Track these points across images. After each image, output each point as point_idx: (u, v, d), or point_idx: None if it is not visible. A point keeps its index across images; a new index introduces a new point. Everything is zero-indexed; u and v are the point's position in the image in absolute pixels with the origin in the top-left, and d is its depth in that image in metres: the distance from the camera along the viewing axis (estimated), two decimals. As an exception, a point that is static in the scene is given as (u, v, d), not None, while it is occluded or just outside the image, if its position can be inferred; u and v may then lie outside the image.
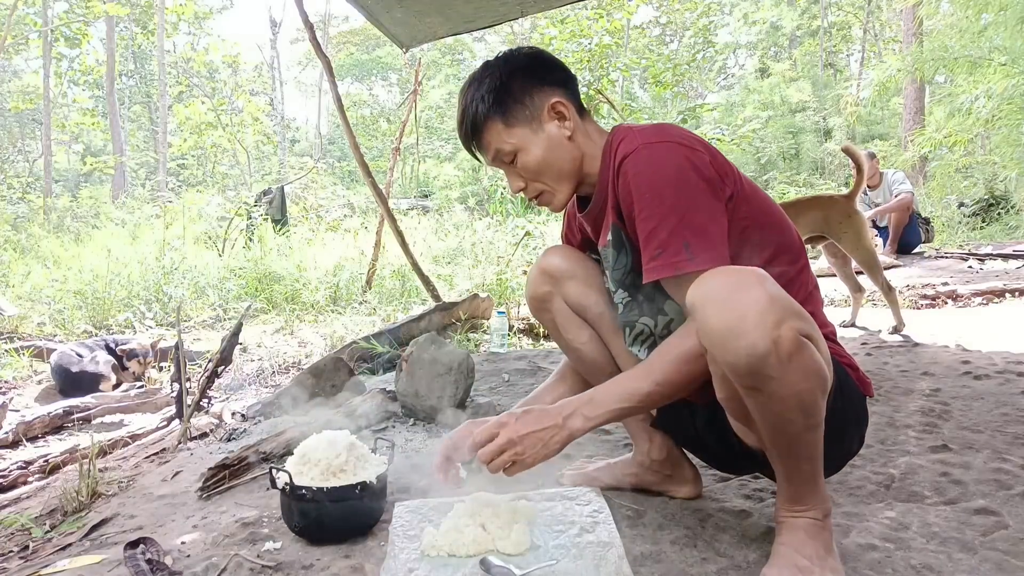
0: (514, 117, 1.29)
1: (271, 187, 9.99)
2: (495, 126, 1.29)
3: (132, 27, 22.57)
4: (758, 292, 1.02)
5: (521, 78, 1.30)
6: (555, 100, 1.29)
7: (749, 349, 1.01)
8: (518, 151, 1.30)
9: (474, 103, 1.30)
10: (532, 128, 1.29)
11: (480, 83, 1.31)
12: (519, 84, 1.29)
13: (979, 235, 7.80)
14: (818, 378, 1.06)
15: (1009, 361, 2.64)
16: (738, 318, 1.01)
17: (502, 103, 1.29)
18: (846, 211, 3.26)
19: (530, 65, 1.32)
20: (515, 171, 1.32)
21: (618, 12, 13.93)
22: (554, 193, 1.34)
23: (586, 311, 1.48)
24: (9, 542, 1.73)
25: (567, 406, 1.16)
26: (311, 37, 4.50)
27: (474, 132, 1.32)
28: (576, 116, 1.32)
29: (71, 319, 5.26)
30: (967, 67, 7.40)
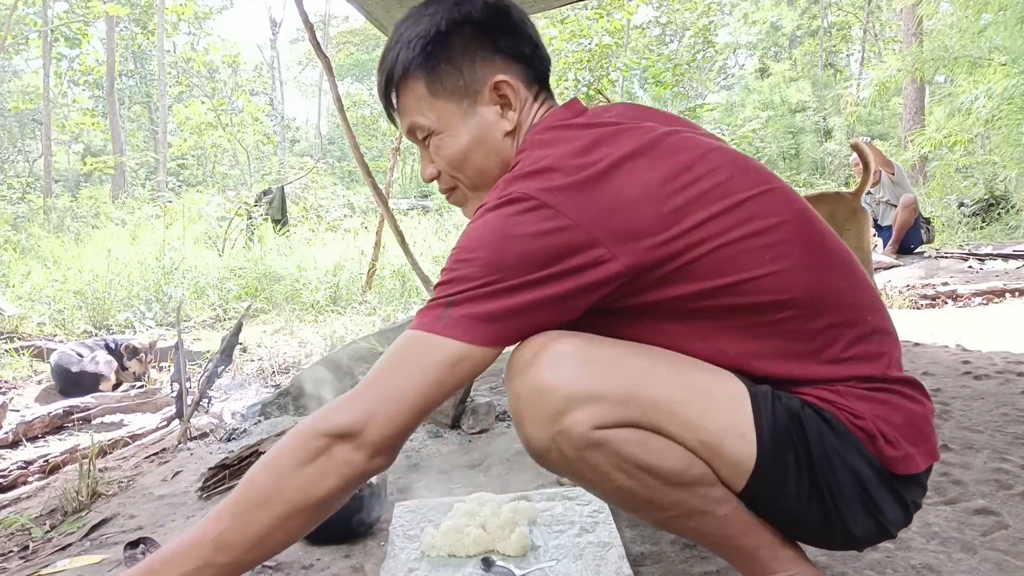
0: (442, 84, 0.96)
1: (271, 187, 9.99)
2: (415, 86, 0.97)
3: (132, 27, 22.57)
4: (545, 371, 0.82)
5: (469, 33, 0.96)
6: (501, 78, 0.96)
7: (526, 442, 0.86)
8: (434, 132, 0.99)
9: (398, 47, 0.97)
10: (462, 106, 0.97)
11: (416, 21, 0.97)
12: (463, 40, 0.96)
13: (979, 235, 7.80)
14: (651, 475, 0.84)
15: (1009, 361, 2.64)
16: (517, 403, 0.85)
17: (432, 59, 0.95)
18: (852, 208, 3.26)
19: (487, 19, 0.97)
20: (429, 155, 1.02)
21: (618, 12, 13.93)
22: (467, 195, 1.05)
23: None
24: (9, 542, 1.73)
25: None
26: (311, 37, 4.50)
27: (388, 85, 1.00)
28: (529, 105, 1.00)
29: (71, 319, 5.26)
30: (967, 67, 7.40)
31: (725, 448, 0.85)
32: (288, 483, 0.79)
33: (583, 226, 0.82)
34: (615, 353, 0.86)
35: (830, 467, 0.87)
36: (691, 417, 0.85)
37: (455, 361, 0.81)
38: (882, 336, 0.94)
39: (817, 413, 0.88)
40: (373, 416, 0.80)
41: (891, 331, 0.96)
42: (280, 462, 0.81)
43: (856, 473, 0.87)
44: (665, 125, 0.94)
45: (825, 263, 0.91)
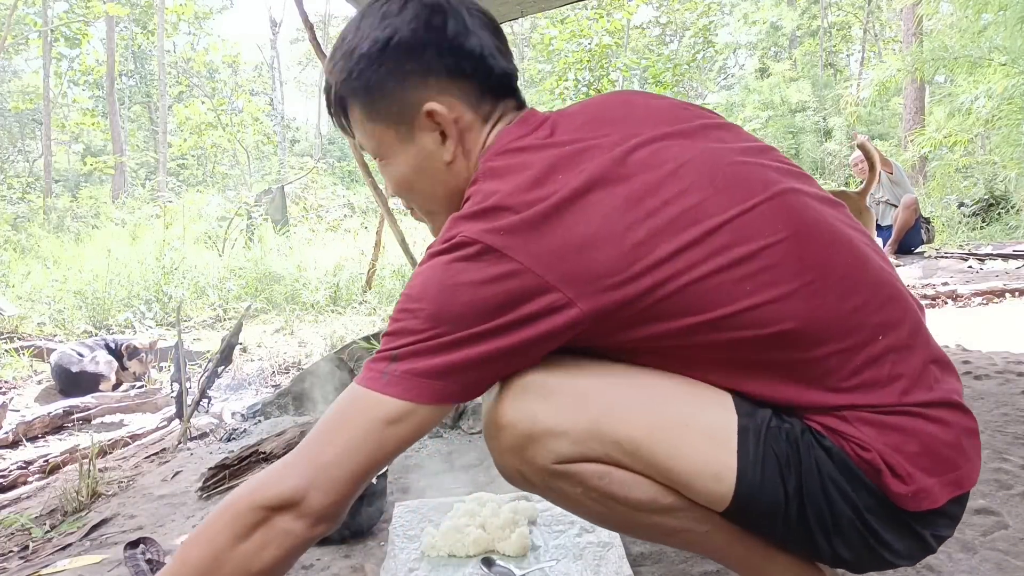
0: (375, 109, 0.88)
1: (271, 187, 9.99)
2: (353, 109, 0.90)
3: (132, 27, 22.58)
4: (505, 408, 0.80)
5: (400, 55, 0.84)
6: (430, 106, 0.85)
7: (496, 464, 0.85)
8: (377, 155, 0.92)
9: (337, 66, 0.88)
10: (400, 132, 0.88)
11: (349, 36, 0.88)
12: (393, 64, 0.85)
13: (979, 235, 7.80)
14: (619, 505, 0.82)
15: (1009, 361, 2.64)
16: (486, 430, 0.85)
17: (361, 83, 0.86)
18: (858, 207, 3.26)
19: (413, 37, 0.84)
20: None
21: (618, 12, 13.93)
22: (425, 219, 0.98)
23: None
24: (9, 542, 1.73)
25: None
26: (311, 37, 4.50)
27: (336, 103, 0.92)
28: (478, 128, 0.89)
29: (71, 319, 5.27)
30: (967, 67, 7.40)
31: (695, 488, 0.80)
32: (226, 558, 0.74)
33: (535, 270, 0.74)
34: (585, 384, 0.81)
35: (826, 499, 0.79)
36: (657, 458, 0.79)
37: (395, 419, 0.75)
38: (900, 355, 0.80)
39: (818, 441, 0.80)
40: (313, 484, 0.74)
41: (915, 346, 0.82)
42: (215, 537, 0.75)
43: (855, 507, 0.79)
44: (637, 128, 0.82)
45: (827, 283, 0.79)
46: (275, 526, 0.74)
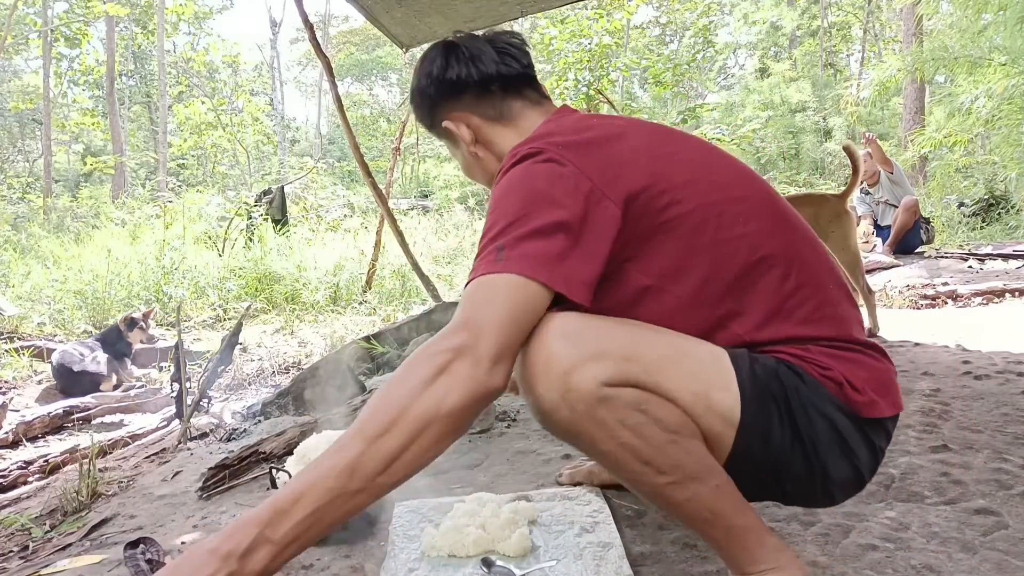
0: (430, 128, 1.27)
1: (271, 187, 9.98)
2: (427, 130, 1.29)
3: (132, 27, 22.58)
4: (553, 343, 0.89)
5: (419, 98, 1.24)
6: (445, 123, 1.21)
7: (535, 404, 0.91)
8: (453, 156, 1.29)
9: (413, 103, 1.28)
10: (448, 140, 1.25)
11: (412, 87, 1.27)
12: (420, 100, 1.24)
13: (979, 235, 7.80)
14: (651, 429, 0.90)
15: (1009, 361, 2.64)
16: (524, 368, 0.91)
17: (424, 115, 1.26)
18: (836, 210, 3.27)
19: (424, 83, 1.22)
20: None
21: (618, 12, 13.93)
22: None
23: None
24: (9, 542, 1.73)
25: (239, 530, 0.76)
26: (311, 37, 4.50)
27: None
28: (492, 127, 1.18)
29: (71, 319, 5.27)
30: (967, 67, 7.40)
31: (714, 399, 0.93)
32: (416, 401, 0.80)
33: (586, 174, 0.95)
34: (610, 323, 0.95)
35: (807, 417, 0.95)
36: (682, 373, 0.92)
37: (523, 290, 0.87)
38: (846, 306, 1.05)
39: (789, 368, 0.97)
40: (481, 333, 0.84)
41: (854, 305, 1.08)
42: (404, 384, 0.82)
43: (831, 420, 0.96)
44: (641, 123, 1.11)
45: (791, 230, 1.05)
46: (457, 371, 0.82)
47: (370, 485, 0.79)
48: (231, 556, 0.73)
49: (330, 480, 0.77)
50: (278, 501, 0.77)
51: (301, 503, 0.76)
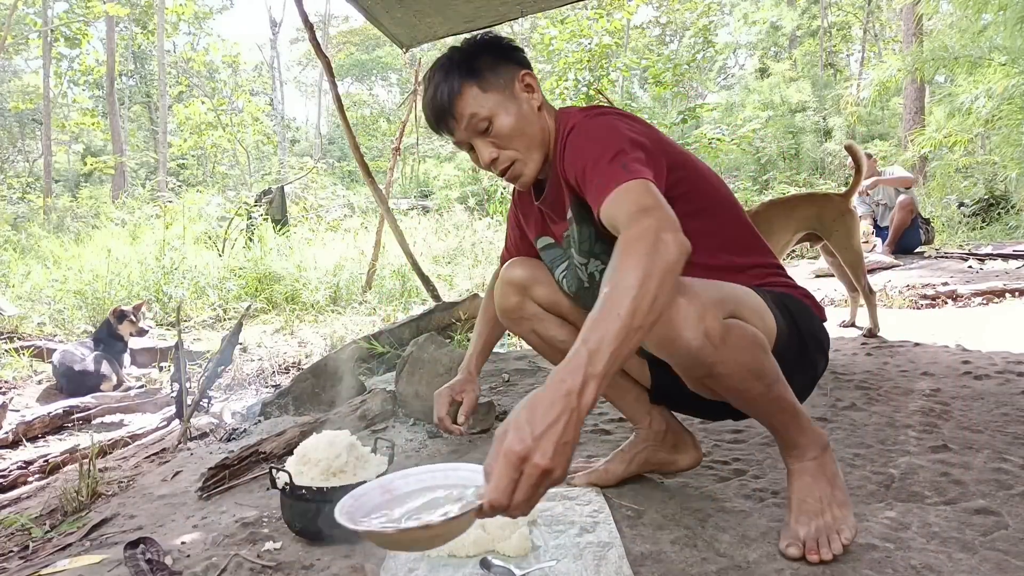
0: (488, 83, 1.34)
1: (271, 187, 9.98)
2: (471, 91, 1.33)
3: (132, 27, 22.57)
4: (677, 299, 1.12)
5: (488, 53, 1.37)
6: (524, 72, 1.37)
7: (686, 349, 1.13)
8: (493, 116, 1.33)
9: (449, 75, 1.34)
10: (505, 95, 1.35)
11: (451, 60, 1.36)
12: (489, 57, 1.36)
13: (979, 235, 7.80)
14: (754, 346, 1.18)
15: (1009, 361, 2.64)
16: (668, 327, 1.12)
17: (476, 71, 1.34)
18: (840, 209, 3.26)
19: (493, 43, 1.39)
20: (488, 140, 1.35)
21: (618, 12, 13.93)
22: (526, 163, 1.37)
23: (560, 307, 1.56)
24: (9, 542, 1.73)
25: (568, 375, 0.90)
26: (311, 37, 4.51)
27: (449, 101, 1.34)
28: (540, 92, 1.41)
29: (71, 319, 5.27)
30: (967, 67, 7.39)
31: (767, 321, 1.26)
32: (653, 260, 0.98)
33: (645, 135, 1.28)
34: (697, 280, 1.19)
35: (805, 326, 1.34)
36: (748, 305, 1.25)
37: (651, 185, 1.12)
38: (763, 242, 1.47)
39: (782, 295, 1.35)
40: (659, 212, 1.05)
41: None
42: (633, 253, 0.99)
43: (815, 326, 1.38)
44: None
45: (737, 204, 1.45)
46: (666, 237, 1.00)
47: (644, 322, 0.95)
48: (571, 393, 0.88)
49: (619, 324, 0.93)
50: (588, 345, 0.91)
51: (604, 343, 0.91)
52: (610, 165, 1.16)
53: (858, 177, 3.34)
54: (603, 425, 2.10)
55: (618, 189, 1.12)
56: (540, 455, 0.84)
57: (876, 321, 3.38)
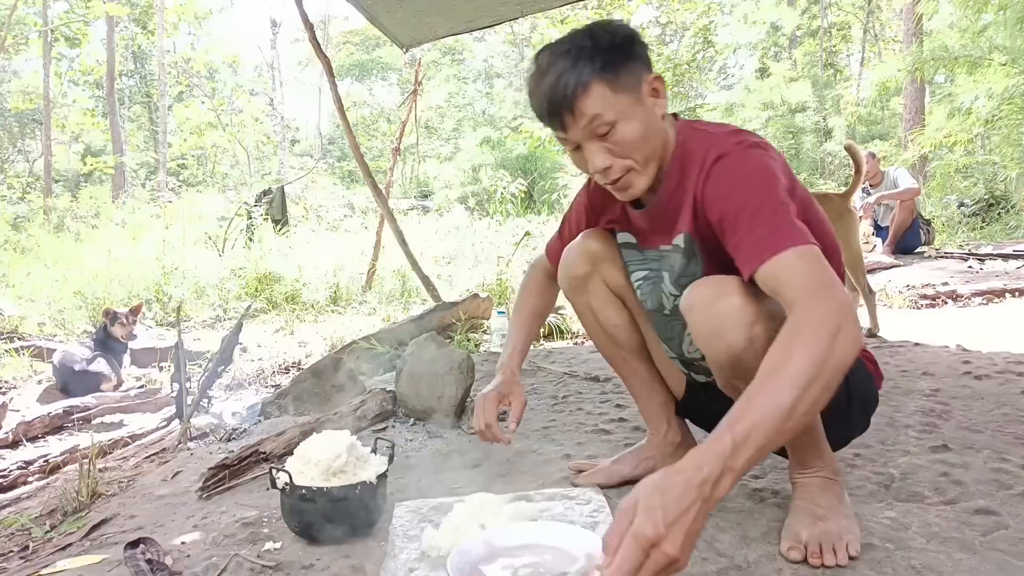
0: (621, 84, 1.19)
1: (271, 187, 9.98)
2: (601, 89, 1.17)
3: (132, 27, 22.57)
4: (734, 298, 1.13)
5: (627, 47, 1.21)
6: (654, 76, 1.23)
7: (727, 349, 1.15)
8: (618, 121, 1.18)
9: (578, 65, 1.17)
10: (634, 98, 1.20)
11: (579, 47, 1.19)
12: (626, 52, 1.21)
13: (979, 235, 7.80)
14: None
15: (1009, 361, 2.64)
16: (718, 323, 1.15)
17: (612, 66, 1.18)
18: (839, 209, 3.27)
19: (629, 36, 1.23)
20: (604, 146, 1.20)
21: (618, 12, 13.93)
22: (639, 175, 1.24)
23: (623, 293, 1.50)
24: (9, 542, 1.73)
25: (706, 463, 0.87)
26: (311, 37, 4.50)
27: (573, 96, 1.17)
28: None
29: (71, 319, 5.27)
30: (967, 67, 7.40)
31: None
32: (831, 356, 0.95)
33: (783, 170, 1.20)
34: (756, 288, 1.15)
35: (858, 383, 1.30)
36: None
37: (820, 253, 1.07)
38: None
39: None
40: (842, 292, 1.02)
41: None
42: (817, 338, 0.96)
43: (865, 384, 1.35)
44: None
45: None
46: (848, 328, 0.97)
47: (799, 420, 0.93)
48: (707, 483, 0.85)
49: (772, 420, 0.90)
50: (735, 435, 0.89)
51: (751, 437, 0.89)
52: (774, 219, 1.09)
53: (857, 177, 3.34)
54: (603, 425, 2.10)
55: (787, 254, 1.05)
56: (670, 544, 0.82)
57: (876, 321, 3.38)
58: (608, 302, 1.51)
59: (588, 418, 2.17)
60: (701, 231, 1.24)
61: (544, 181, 15.58)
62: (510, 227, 8.27)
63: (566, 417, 2.20)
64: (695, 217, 1.24)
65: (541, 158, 15.84)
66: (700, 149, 1.22)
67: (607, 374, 2.72)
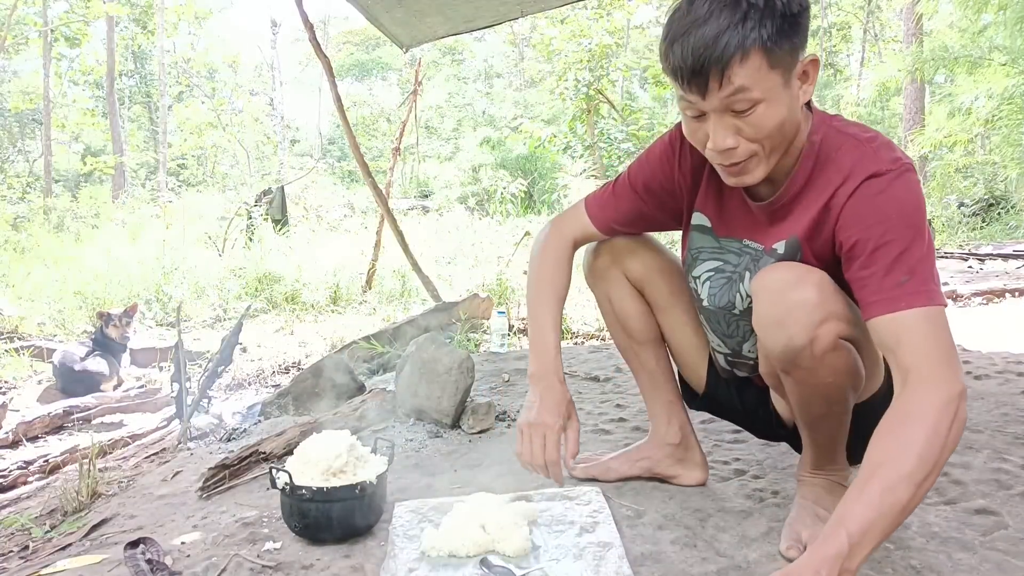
0: (779, 60, 1.02)
1: (271, 187, 9.98)
2: (757, 61, 1.00)
3: (132, 27, 22.56)
4: (810, 292, 1.09)
5: (799, 17, 1.03)
6: (811, 57, 1.06)
7: (787, 341, 1.11)
8: (763, 100, 1.03)
9: (747, 24, 0.98)
10: (785, 80, 1.04)
11: (755, 4, 0.99)
12: (796, 24, 1.02)
13: (979, 235, 7.81)
14: (848, 377, 1.15)
15: (1009, 361, 2.64)
16: (785, 312, 1.10)
17: (780, 39, 1.00)
18: None
19: (807, 6, 1.05)
20: (735, 125, 1.05)
21: (618, 12, 13.93)
22: (761, 162, 1.10)
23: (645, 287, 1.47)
24: (9, 542, 1.73)
25: (826, 566, 0.89)
26: (311, 37, 4.51)
27: (726, 60, 0.99)
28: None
29: (71, 319, 5.27)
30: (967, 67, 7.39)
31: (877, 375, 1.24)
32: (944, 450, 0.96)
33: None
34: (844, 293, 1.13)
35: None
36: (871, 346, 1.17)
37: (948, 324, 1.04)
38: None
39: None
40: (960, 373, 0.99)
41: None
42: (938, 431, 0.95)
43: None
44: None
45: None
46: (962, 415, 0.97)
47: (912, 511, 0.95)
48: None
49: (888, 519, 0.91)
50: (851, 536, 0.90)
51: (868, 537, 0.90)
52: (919, 267, 1.01)
53: None
54: (603, 425, 2.10)
55: (918, 313, 0.99)
56: None
57: None
58: (626, 292, 1.48)
59: (588, 418, 2.17)
60: (814, 242, 1.14)
61: (544, 181, 15.59)
62: (510, 227, 8.27)
63: (566, 417, 2.20)
64: (816, 226, 1.13)
65: (541, 158, 15.85)
66: (846, 157, 1.10)
67: (607, 374, 2.72)
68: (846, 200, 1.08)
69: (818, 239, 1.14)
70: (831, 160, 1.12)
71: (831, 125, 1.14)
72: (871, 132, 1.13)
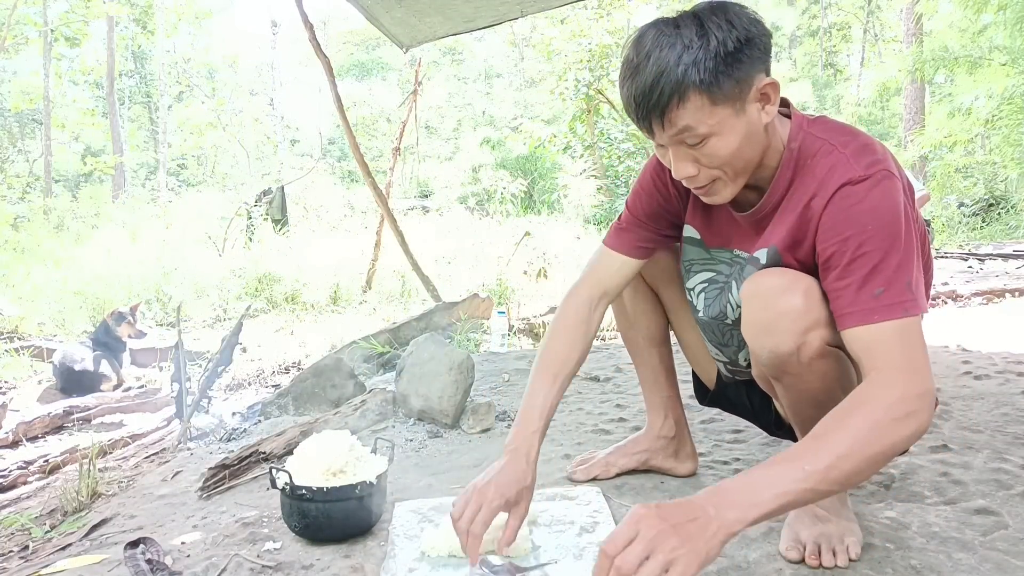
0: (723, 95, 1.03)
1: (271, 187, 9.98)
2: (698, 101, 1.02)
3: (132, 27, 22.56)
4: (797, 299, 1.08)
5: (739, 53, 1.02)
6: (767, 81, 1.06)
7: (774, 347, 1.12)
8: (711, 135, 1.05)
9: (682, 67, 1.00)
10: (735, 109, 1.05)
11: (686, 45, 1.01)
12: (736, 59, 1.02)
13: (979, 235, 7.81)
14: (838, 382, 1.13)
15: (1009, 361, 2.64)
16: (773, 319, 1.10)
17: (718, 75, 1.01)
18: None
19: (755, 35, 1.04)
20: (692, 155, 1.08)
21: (618, 12, 13.92)
22: (726, 185, 1.12)
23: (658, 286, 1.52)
24: (9, 542, 1.74)
25: (714, 496, 0.91)
26: (311, 37, 4.51)
27: (666, 104, 1.02)
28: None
29: (71, 319, 5.27)
30: (967, 67, 7.40)
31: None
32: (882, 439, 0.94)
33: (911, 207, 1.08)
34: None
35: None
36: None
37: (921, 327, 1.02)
38: None
39: None
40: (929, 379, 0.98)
41: None
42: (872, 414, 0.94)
43: None
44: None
45: None
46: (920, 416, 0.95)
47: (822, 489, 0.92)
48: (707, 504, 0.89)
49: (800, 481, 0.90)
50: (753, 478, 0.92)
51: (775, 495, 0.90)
52: (894, 276, 1.00)
53: None
54: (603, 425, 2.10)
55: (892, 325, 0.99)
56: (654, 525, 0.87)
57: None
58: (637, 288, 1.51)
59: (588, 418, 2.17)
60: (797, 251, 1.14)
61: (544, 181, 15.59)
62: (510, 227, 8.27)
63: (566, 417, 2.20)
64: (794, 235, 1.13)
65: (541, 158, 15.85)
66: (821, 164, 1.10)
67: (607, 374, 2.72)
68: (822, 210, 1.08)
69: (800, 248, 1.13)
70: (807, 168, 1.12)
71: (809, 132, 1.14)
72: (847, 135, 1.11)
